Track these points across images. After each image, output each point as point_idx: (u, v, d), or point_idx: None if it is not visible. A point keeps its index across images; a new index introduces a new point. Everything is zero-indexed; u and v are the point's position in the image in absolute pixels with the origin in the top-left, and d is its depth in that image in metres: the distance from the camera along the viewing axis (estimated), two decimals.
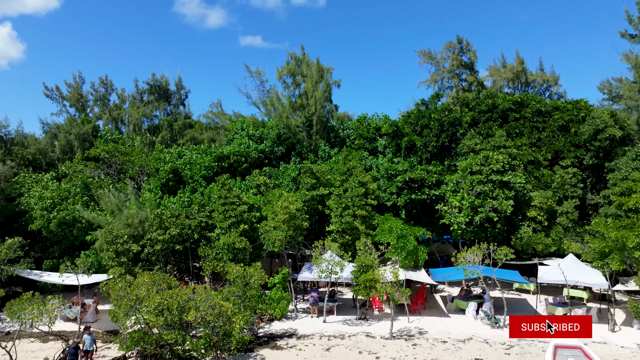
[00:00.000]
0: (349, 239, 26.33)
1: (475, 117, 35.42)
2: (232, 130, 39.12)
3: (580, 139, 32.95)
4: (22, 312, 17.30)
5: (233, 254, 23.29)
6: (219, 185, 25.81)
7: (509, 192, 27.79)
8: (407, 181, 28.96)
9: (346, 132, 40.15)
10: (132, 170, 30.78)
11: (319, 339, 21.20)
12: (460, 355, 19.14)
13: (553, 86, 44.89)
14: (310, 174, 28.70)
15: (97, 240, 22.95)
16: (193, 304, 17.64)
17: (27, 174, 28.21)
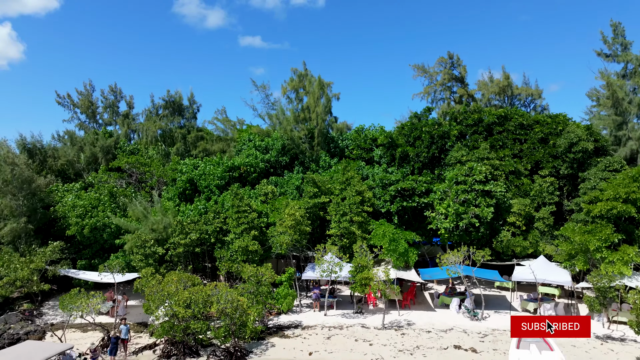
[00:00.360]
0: (347, 242, 29.50)
1: (463, 131, 38.61)
2: (240, 141, 42.35)
3: (557, 151, 36.12)
4: (73, 305, 20.51)
5: (246, 255, 26.49)
6: (231, 195, 29.01)
7: (490, 200, 30.92)
8: (400, 190, 32.13)
9: (345, 143, 43.31)
10: (151, 180, 33.96)
11: (320, 329, 24.37)
12: (441, 343, 22.31)
13: (537, 99, 48.10)
14: (313, 183, 31.87)
15: (127, 244, 26.12)
16: (215, 298, 20.85)
17: (59, 184, 31.35)
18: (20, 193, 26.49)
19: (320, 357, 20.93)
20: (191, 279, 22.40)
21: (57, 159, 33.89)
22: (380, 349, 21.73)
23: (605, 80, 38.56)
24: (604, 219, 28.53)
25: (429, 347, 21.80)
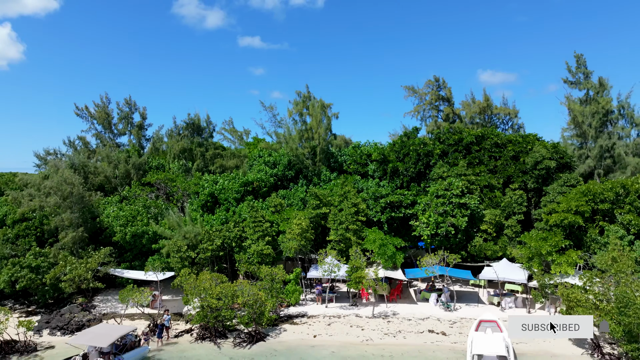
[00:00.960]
0: (344, 246, 34.94)
1: (445, 149, 44.10)
2: (251, 157, 47.87)
3: (526, 167, 41.60)
4: (130, 297, 26.03)
5: (261, 258, 31.98)
6: (248, 207, 34.51)
7: (465, 211, 36.38)
8: (389, 202, 37.62)
9: (343, 158, 48.79)
10: (177, 194, 39.41)
11: (322, 318, 29.84)
12: (418, 328, 27.81)
13: (514, 118, 53.64)
14: (315, 196, 37.35)
15: (164, 248, 31.61)
16: (240, 292, 26.35)
17: (101, 198, 36.79)
18: (76, 207, 31.93)
19: (322, 339, 26.42)
20: (220, 277, 27.90)
21: (97, 175, 39.34)
22: (370, 332, 27.22)
23: (567, 106, 44.05)
24: (559, 227, 34.04)
25: (408, 331, 27.28)
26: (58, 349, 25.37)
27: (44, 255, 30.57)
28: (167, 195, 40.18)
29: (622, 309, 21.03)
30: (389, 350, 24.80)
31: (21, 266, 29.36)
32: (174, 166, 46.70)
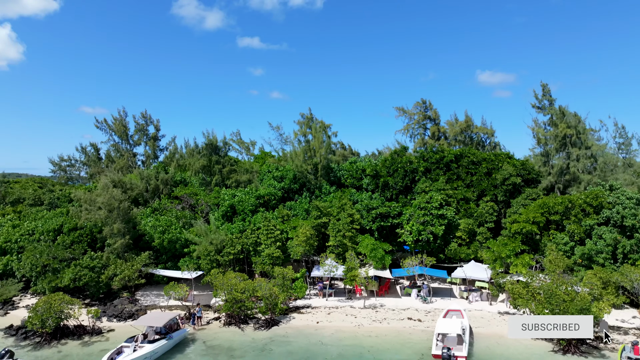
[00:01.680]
0: (341, 250, 41.69)
1: (428, 166, 50.95)
2: (261, 172, 54.75)
3: (497, 182, 48.45)
4: (173, 291, 32.85)
5: (273, 260, 38.80)
6: (262, 218, 41.34)
7: (443, 220, 43.12)
8: (378, 213, 44.44)
9: (341, 173, 55.59)
10: (201, 206, 46.19)
11: (323, 308, 36.61)
12: (400, 316, 34.60)
13: (490, 137, 60.50)
14: (317, 208, 44.16)
15: (194, 252, 38.41)
16: (259, 287, 33.16)
17: (137, 210, 43.54)
18: (122, 219, 38.71)
19: (323, 324, 33.24)
20: (242, 276, 34.73)
21: (133, 190, 46.06)
22: (361, 320, 34.03)
23: (532, 129, 50.93)
24: (519, 235, 40.88)
25: (392, 319, 34.10)
26: (117, 331, 32.21)
27: (97, 258, 37.38)
28: (192, 207, 47.00)
29: (548, 299, 27.85)
30: (375, 332, 31.63)
31: (82, 267, 36.17)
32: (194, 180, 53.59)
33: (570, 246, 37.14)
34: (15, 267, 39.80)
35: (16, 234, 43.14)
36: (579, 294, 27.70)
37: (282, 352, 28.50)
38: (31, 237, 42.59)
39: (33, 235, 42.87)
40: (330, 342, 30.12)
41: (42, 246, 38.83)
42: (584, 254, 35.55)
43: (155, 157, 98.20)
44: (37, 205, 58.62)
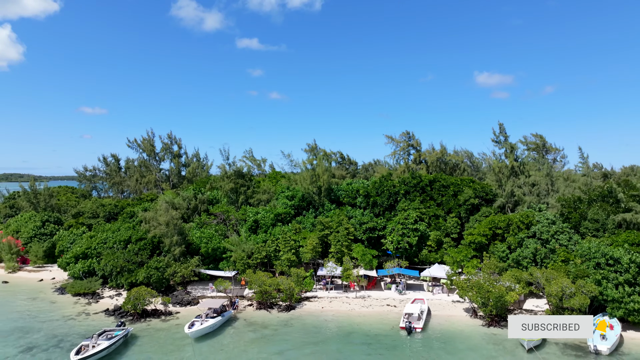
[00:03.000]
0: (339, 255, 54.64)
1: (408, 189, 63.96)
2: (276, 192, 67.86)
3: (460, 202, 61.43)
4: (221, 285, 45.96)
5: (289, 263, 51.83)
6: (280, 231, 54.32)
7: (417, 233, 56.07)
8: (368, 227, 57.46)
9: (340, 192, 68.57)
10: (232, 221, 59.17)
11: (326, 298, 49.60)
12: (381, 303, 47.59)
13: (461, 163, 73.46)
14: (321, 223, 57.17)
15: (231, 257, 51.38)
16: (280, 283, 46.22)
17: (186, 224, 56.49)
18: (177, 232, 51.75)
19: (326, 309, 46.23)
20: (268, 274, 47.82)
21: (180, 209, 58.96)
22: (354, 306, 47.03)
23: (488, 161, 64.01)
24: (473, 244, 53.90)
25: (375, 305, 47.08)
26: (182, 313, 45.19)
27: (162, 261, 50.40)
28: (224, 221, 60.06)
29: (478, 291, 40.85)
30: (363, 314, 44.68)
31: (151, 267, 49.19)
32: (224, 199, 66.66)
33: (506, 253, 50.15)
34: (96, 268, 52.85)
35: (93, 242, 56.19)
36: (497, 286, 40.81)
37: (298, 326, 41.54)
38: (105, 245, 55.60)
39: (106, 243, 55.86)
40: (331, 320, 43.19)
41: (119, 252, 51.89)
42: (514, 258, 48.55)
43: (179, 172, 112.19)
44: (95, 218, 71.79)
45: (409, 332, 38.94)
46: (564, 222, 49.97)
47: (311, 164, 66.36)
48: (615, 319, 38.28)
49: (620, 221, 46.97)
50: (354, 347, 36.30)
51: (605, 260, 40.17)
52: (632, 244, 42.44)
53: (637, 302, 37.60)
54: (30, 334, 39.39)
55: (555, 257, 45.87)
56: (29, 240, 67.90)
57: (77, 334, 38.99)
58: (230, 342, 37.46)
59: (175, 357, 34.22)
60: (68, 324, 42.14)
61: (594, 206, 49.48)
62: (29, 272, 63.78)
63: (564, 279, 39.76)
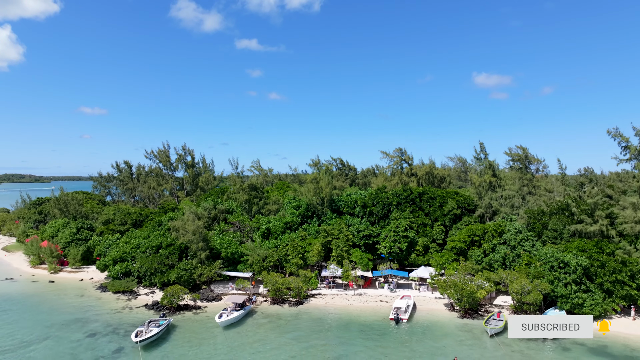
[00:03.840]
0: (340, 259, 63.22)
1: (399, 201, 72.53)
2: (285, 202, 76.37)
3: (445, 212, 69.98)
4: (241, 284, 54.60)
5: (297, 265, 60.41)
6: (288, 238, 62.90)
7: (407, 239, 64.57)
8: (364, 235, 66.05)
9: (340, 203, 77.13)
10: (247, 228, 67.67)
11: (329, 295, 58.14)
12: (375, 300, 56.15)
13: (447, 176, 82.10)
14: (324, 231, 65.76)
15: (248, 260, 59.92)
16: (291, 282, 54.79)
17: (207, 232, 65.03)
18: (202, 239, 60.34)
19: (329, 304, 54.79)
20: (280, 275, 56.42)
21: (202, 219, 67.50)
22: (352, 301, 55.58)
23: (470, 176, 72.58)
24: (454, 249, 62.48)
25: (371, 301, 55.64)
26: (209, 307, 53.70)
27: (190, 264, 58.93)
28: (240, 229, 68.65)
29: (455, 289, 49.42)
30: (360, 308, 53.24)
31: (181, 269, 57.74)
32: (239, 209, 75.30)
33: (481, 257, 58.71)
34: (132, 269, 61.40)
35: (128, 247, 64.75)
36: (470, 285, 49.40)
37: (306, 317, 50.10)
38: (138, 250, 64.11)
39: (139, 248, 64.37)
40: (333, 313, 51.78)
41: (152, 256, 60.46)
42: (487, 262, 57.11)
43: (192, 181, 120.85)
44: (123, 225, 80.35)
45: (397, 322, 47.52)
46: (529, 231, 58.60)
47: (315, 178, 74.97)
48: (563, 312, 46.88)
49: (573, 231, 55.58)
50: (352, 334, 44.88)
51: (557, 264, 48.76)
52: (581, 250, 51.04)
53: (581, 297, 46.27)
54: (89, 323, 47.95)
55: (520, 261, 54.46)
56: (67, 245, 76.42)
57: (127, 324, 47.54)
58: (252, 330, 46.04)
59: (209, 342, 42.75)
60: (117, 315, 50.71)
61: (553, 218, 58.11)
62: (68, 273, 72.32)
63: (524, 279, 48.39)
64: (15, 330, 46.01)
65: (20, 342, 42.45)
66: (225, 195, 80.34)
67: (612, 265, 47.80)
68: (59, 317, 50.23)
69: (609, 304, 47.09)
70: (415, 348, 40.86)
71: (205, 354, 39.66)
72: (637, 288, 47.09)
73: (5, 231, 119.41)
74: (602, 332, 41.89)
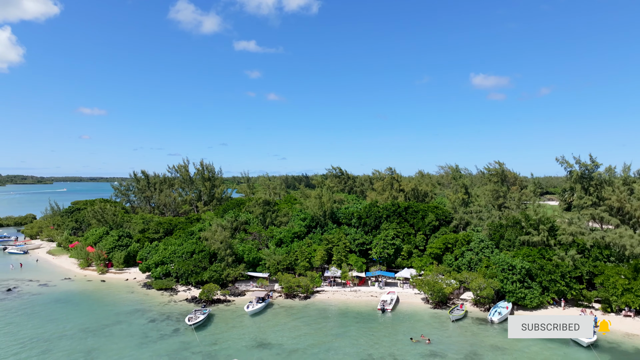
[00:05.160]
0: (339, 262, 76.87)
1: (388, 214, 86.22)
2: (293, 215, 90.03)
3: (426, 223, 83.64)
4: (261, 283, 68.34)
5: (305, 268, 74.09)
6: (298, 245, 76.60)
7: (394, 246, 78.21)
8: (359, 242, 79.76)
9: (339, 214, 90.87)
10: (263, 238, 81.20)
11: (330, 292, 71.69)
12: (367, 295, 69.77)
13: (429, 192, 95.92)
14: (326, 239, 79.47)
15: (267, 263, 73.47)
16: (300, 281, 68.51)
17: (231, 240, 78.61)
18: (228, 246, 73.93)
19: (331, 298, 68.41)
20: (291, 275, 70.15)
21: (226, 229, 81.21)
22: (349, 296, 69.22)
23: (446, 194, 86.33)
24: (432, 254, 76.18)
25: (363, 296, 69.26)
26: (236, 301, 67.29)
27: (219, 267, 72.53)
28: (257, 238, 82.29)
29: (428, 286, 63.07)
30: (355, 301, 66.89)
31: (212, 270, 71.36)
32: (255, 221, 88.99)
33: (452, 261, 72.38)
34: (172, 271, 75.02)
35: (166, 253, 78.36)
36: (439, 283, 63.09)
37: (313, 308, 63.72)
38: (175, 255, 77.68)
39: (176, 254, 77.94)
40: (334, 305, 65.46)
41: (188, 260, 74.14)
42: (457, 265, 70.75)
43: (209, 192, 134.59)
44: (156, 233, 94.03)
45: (383, 312, 61.15)
46: (490, 240, 72.35)
47: (318, 195, 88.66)
48: (510, 303, 60.56)
49: (523, 240, 69.30)
50: (348, 319, 58.50)
51: (507, 266, 62.45)
52: (527, 255, 64.75)
53: (523, 292, 59.93)
54: (146, 312, 61.52)
55: (481, 264, 68.14)
56: (111, 250, 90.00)
57: (176, 312, 61.13)
58: (272, 317, 59.67)
59: (241, 325, 56.31)
60: (166, 307, 64.32)
61: (508, 230, 71.86)
62: (114, 274, 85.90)
63: (481, 279, 62.10)
64: (93, 317, 59.59)
65: (101, 325, 56.07)
66: (243, 209, 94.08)
67: (549, 268, 61.52)
68: (121, 308, 63.83)
69: (545, 297, 60.79)
70: (395, 329, 54.54)
71: (240, 333, 53.31)
72: (566, 285, 60.81)
73: (44, 236, 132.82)
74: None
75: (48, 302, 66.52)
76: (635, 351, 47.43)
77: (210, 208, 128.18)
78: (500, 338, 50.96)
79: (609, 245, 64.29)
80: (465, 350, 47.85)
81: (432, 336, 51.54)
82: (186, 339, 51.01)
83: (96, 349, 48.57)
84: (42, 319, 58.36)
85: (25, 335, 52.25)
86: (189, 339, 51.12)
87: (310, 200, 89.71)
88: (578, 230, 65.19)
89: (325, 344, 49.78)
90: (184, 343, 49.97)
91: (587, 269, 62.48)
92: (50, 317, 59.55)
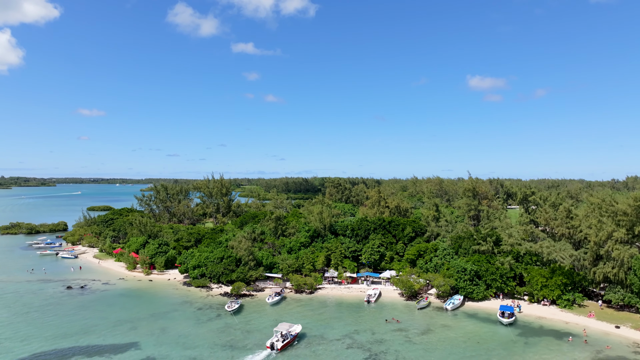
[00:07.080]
0: (337, 265, 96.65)
1: (375, 227, 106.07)
2: (299, 227, 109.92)
3: (405, 234, 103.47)
4: (276, 282, 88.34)
5: (309, 269, 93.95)
6: (305, 252, 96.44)
7: (379, 253, 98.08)
8: (352, 250, 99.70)
9: (337, 227, 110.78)
10: (276, 246, 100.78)
11: (329, 288, 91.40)
12: (358, 291, 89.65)
13: (409, 208, 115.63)
14: (326, 247, 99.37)
15: (280, 266, 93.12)
16: (307, 280, 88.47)
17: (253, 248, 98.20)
18: (250, 252, 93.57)
19: (330, 294, 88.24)
20: (299, 276, 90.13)
21: (248, 240, 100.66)
22: (343, 292, 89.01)
23: (421, 210, 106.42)
24: (408, 260, 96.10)
25: (355, 292, 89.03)
26: (259, 295, 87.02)
27: (244, 269, 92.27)
28: (271, 246, 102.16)
29: (402, 283, 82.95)
30: (348, 295, 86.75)
31: (239, 272, 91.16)
32: (268, 232, 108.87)
33: (423, 265, 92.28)
34: (206, 273, 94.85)
35: (201, 258, 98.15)
36: (410, 281, 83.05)
37: (316, 300, 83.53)
38: (208, 260, 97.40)
39: (208, 259, 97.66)
40: (332, 298, 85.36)
41: (219, 264, 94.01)
42: (426, 268, 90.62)
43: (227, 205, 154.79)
44: (189, 242, 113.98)
45: (368, 303, 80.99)
46: (452, 249, 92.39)
47: (320, 211, 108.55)
48: (462, 296, 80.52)
49: (475, 249, 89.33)
50: (342, 308, 78.40)
51: (461, 269, 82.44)
52: (476, 261, 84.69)
53: (472, 288, 79.91)
54: (193, 303, 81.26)
55: (444, 267, 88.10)
56: (153, 255, 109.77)
57: (215, 303, 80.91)
58: (286, 306, 79.51)
59: (264, 311, 76.08)
60: (206, 300, 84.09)
61: (465, 241, 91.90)
62: (157, 275, 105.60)
63: (441, 278, 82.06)
64: (154, 306, 79.32)
65: (163, 312, 75.83)
66: (258, 222, 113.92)
67: (492, 270, 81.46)
68: (172, 300, 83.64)
69: (488, 292, 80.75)
70: (376, 315, 74.43)
71: (265, 316, 73.14)
72: (504, 283, 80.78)
73: (85, 242, 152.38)
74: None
75: (116, 296, 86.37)
76: (539, 328, 67.37)
77: (228, 219, 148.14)
78: (449, 320, 70.93)
79: (536, 253, 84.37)
80: (422, 327, 67.74)
81: (401, 319, 71.44)
82: (227, 321, 70.82)
83: (166, 327, 68.27)
84: (119, 308, 78.18)
85: (114, 318, 72.06)
86: (229, 320, 70.94)
87: (313, 215, 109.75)
88: (515, 242, 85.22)
89: (325, 323, 69.66)
90: (226, 323, 69.78)
91: (519, 271, 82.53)
92: (123, 306, 79.34)
